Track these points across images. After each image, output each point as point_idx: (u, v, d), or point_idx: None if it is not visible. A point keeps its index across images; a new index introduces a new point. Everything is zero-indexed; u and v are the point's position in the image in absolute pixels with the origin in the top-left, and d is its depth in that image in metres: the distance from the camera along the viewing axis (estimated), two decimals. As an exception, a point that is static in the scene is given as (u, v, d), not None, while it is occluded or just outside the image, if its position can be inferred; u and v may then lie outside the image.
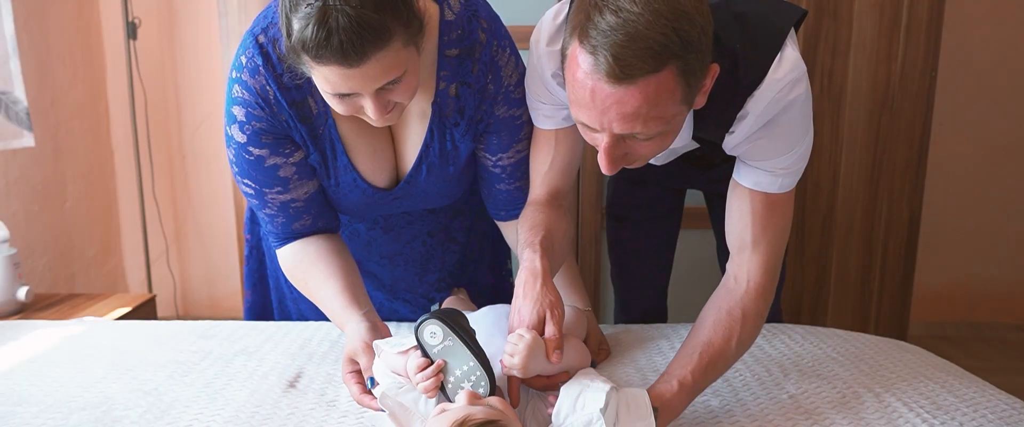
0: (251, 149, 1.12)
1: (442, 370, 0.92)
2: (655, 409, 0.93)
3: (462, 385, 0.91)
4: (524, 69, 1.18)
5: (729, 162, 1.12)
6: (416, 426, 0.91)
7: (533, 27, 1.13)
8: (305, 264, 1.21)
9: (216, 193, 2.80)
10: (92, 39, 2.62)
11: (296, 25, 0.90)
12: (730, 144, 1.04)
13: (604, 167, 0.95)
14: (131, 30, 2.56)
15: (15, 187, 2.22)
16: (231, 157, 1.16)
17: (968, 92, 2.69)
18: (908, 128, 2.20)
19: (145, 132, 2.69)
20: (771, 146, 1.01)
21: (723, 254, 1.56)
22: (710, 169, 1.40)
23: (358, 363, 1.07)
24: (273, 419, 1.02)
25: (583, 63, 0.85)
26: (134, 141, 2.64)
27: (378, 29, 0.90)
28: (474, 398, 0.88)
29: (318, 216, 1.23)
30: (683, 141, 1.11)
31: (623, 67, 0.82)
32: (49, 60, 2.36)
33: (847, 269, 2.31)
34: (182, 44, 2.69)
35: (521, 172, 1.24)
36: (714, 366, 1.01)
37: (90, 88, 2.61)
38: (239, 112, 1.10)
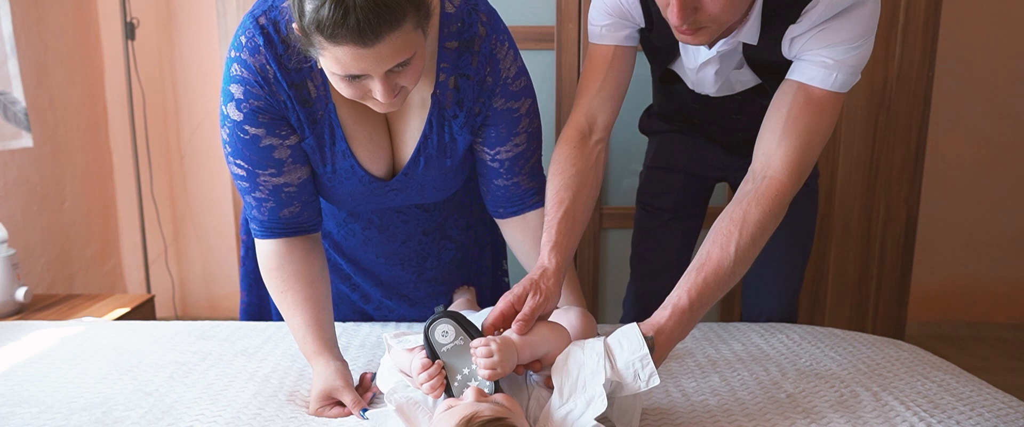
0: (247, 128, 1.12)
1: (445, 370, 0.92)
2: (650, 337, 0.93)
3: (468, 384, 0.92)
4: (522, 63, 1.20)
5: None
6: (424, 423, 0.91)
7: (534, 27, 1.14)
8: (282, 276, 1.20)
9: (215, 193, 2.80)
10: (90, 39, 2.62)
11: (309, 6, 0.91)
12: (792, 35, 1.07)
13: (674, 17, 0.98)
14: (129, 30, 2.56)
15: (13, 188, 2.21)
16: (225, 137, 1.15)
17: (965, 92, 2.70)
18: (905, 128, 2.20)
19: (143, 132, 2.69)
20: (834, 34, 1.04)
21: None
22: (735, 150, 1.44)
23: (333, 398, 1.08)
24: (276, 421, 1.03)
25: None
26: (132, 141, 2.64)
27: (393, 8, 0.91)
28: (481, 395, 0.88)
29: (306, 205, 1.21)
30: (752, 36, 1.12)
31: None
32: (47, 60, 2.36)
33: (844, 269, 2.32)
34: (181, 44, 2.69)
35: (519, 167, 1.25)
36: (711, 281, 1.00)
37: (88, 88, 2.61)
38: (237, 90, 1.10)
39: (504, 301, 0.99)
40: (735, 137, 1.44)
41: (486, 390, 0.90)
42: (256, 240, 1.24)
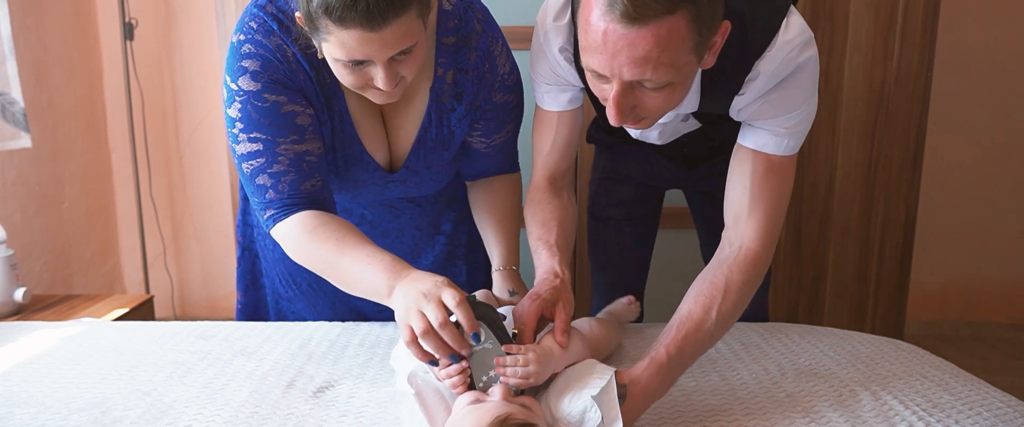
0: (265, 96, 1.08)
1: (470, 367, 0.92)
2: (623, 386, 0.93)
3: (494, 384, 0.91)
4: (514, 59, 1.23)
5: (725, 152, 1.14)
6: (440, 413, 0.90)
7: (530, 27, 1.15)
8: (326, 234, 1.08)
9: (214, 194, 2.80)
10: (89, 40, 2.62)
11: None
12: (738, 106, 1.06)
13: (612, 117, 0.95)
14: (128, 31, 2.56)
15: (12, 188, 2.21)
16: (235, 115, 1.08)
17: (964, 92, 2.70)
18: (904, 128, 2.21)
19: (142, 133, 2.68)
20: (779, 105, 1.04)
21: (707, 250, 1.57)
22: (694, 167, 1.43)
23: (435, 296, 0.91)
24: (272, 419, 1.02)
25: (597, 5, 0.87)
26: (131, 142, 2.64)
27: None
28: (509, 394, 0.88)
29: (326, 183, 1.15)
30: (692, 106, 1.11)
31: (637, 7, 0.83)
32: (46, 61, 2.36)
33: (844, 269, 2.32)
34: (179, 45, 2.69)
35: (506, 148, 1.31)
36: (692, 339, 1.00)
37: (87, 89, 2.60)
38: (251, 64, 1.07)
39: (533, 304, 0.98)
40: (684, 156, 1.42)
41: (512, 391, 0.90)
42: (275, 230, 1.12)
